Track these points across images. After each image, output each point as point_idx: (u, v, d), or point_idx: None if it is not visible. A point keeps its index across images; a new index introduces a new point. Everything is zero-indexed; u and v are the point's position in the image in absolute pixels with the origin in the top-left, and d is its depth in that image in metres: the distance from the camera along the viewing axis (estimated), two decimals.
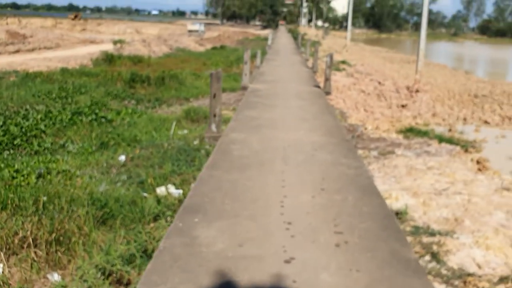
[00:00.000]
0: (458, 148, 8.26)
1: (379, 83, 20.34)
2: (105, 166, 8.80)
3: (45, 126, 11.40)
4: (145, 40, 46.90)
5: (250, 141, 7.90)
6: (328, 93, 13.92)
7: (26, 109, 13.18)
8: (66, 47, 42.22)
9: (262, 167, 6.57)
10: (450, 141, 10.31)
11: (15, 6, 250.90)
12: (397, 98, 16.70)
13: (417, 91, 17.59)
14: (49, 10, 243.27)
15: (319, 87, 15.11)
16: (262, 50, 31.50)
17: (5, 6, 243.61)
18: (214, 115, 8.10)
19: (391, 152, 7.47)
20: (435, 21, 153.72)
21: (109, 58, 26.40)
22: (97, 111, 13.46)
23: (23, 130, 10.86)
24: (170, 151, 9.27)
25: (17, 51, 35.97)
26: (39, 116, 12.03)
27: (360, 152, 7.70)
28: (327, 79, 13.80)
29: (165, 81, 18.77)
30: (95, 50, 33.84)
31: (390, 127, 12.10)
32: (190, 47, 43.87)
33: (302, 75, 18.87)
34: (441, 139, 10.28)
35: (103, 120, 12.54)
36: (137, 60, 27.52)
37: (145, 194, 7.19)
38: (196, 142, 10.05)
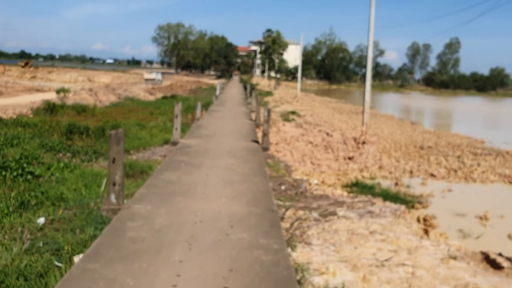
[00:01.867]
0: (402, 207, 7.87)
1: (327, 134, 20.21)
2: (19, 230, 7.83)
3: None
4: (92, 89, 45.83)
5: (155, 215, 6.51)
6: (265, 149, 12.93)
7: None
8: (9, 95, 40.60)
9: (157, 255, 5.19)
10: (395, 198, 9.97)
11: None
12: (344, 150, 16.47)
13: (363, 142, 17.48)
14: None
15: (257, 142, 14.09)
16: (209, 101, 31.20)
17: None
18: (114, 184, 6.64)
19: (333, 214, 6.94)
20: (382, 73, 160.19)
21: (50, 108, 25.23)
22: (25, 165, 12.37)
23: None
24: (95, 212, 8.42)
25: None
26: None
27: (301, 213, 7.13)
28: (264, 134, 12.83)
29: (105, 132, 17.85)
30: (38, 98, 32.54)
31: (336, 181, 11.69)
32: (139, 96, 43.15)
33: (243, 129, 17.61)
34: (386, 197, 9.92)
35: (29, 176, 11.48)
36: (81, 109, 26.47)
37: (59, 264, 6.29)
38: (126, 201, 9.25)
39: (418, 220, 8.69)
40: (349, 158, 15.03)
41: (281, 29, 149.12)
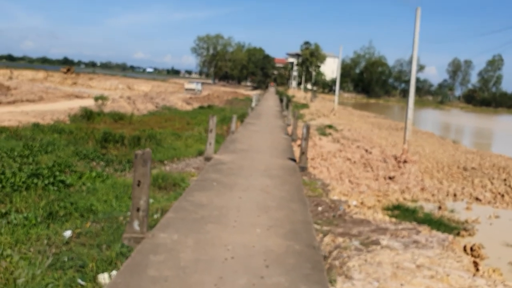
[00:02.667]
0: (450, 237, 7.21)
1: (366, 151, 19.50)
2: (45, 243, 7.58)
3: None
4: (130, 97, 46.36)
5: (182, 247, 5.78)
6: (303, 168, 12.02)
7: None
8: (49, 101, 41.46)
9: None
10: (439, 224, 9.29)
11: (10, 58, 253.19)
12: (384, 169, 15.76)
13: (405, 161, 16.72)
14: (44, 63, 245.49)
15: (294, 160, 13.06)
16: (244, 113, 30.85)
17: (1, 57, 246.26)
18: (138, 209, 5.96)
19: (376, 243, 6.36)
20: (422, 89, 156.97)
21: (87, 115, 25.46)
22: (57, 173, 12.27)
23: None
24: (124, 226, 8.11)
25: None
26: None
27: (340, 240, 6.58)
28: (303, 153, 11.93)
29: (140, 141, 17.72)
30: (77, 105, 33.02)
31: (376, 203, 11.05)
32: (177, 105, 43.35)
33: (279, 144, 16.63)
34: (429, 222, 9.25)
35: (61, 184, 11.33)
36: (118, 117, 26.61)
37: (82, 283, 5.97)
38: (156, 216, 8.92)
39: (465, 249, 7.98)
40: (390, 178, 14.33)
41: (319, 42, 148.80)
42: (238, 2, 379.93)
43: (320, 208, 8.99)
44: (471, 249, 8.05)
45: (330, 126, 28.69)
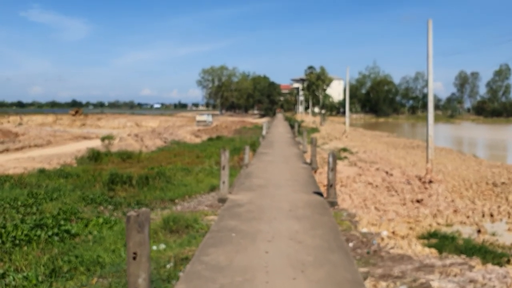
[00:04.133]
0: (511, 272, 6.22)
1: (387, 173, 18.50)
2: None
3: None
4: (138, 134, 45.89)
5: None
6: (333, 203, 10.67)
7: None
8: (57, 144, 41.10)
9: None
10: (484, 252, 8.29)
11: (20, 105, 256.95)
12: (410, 192, 14.75)
13: (430, 181, 15.71)
14: (53, 107, 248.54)
15: (321, 194, 11.75)
16: (255, 141, 30.04)
17: (11, 105, 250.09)
18: None
19: (426, 286, 5.40)
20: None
21: (95, 156, 24.81)
22: (62, 222, 11.47)
23: None
24: None
25: (5, 150, 34.65)
26: None
27: (383, 285, 5.61)
28: (331, 185, 10.60)
29: (149, 180, 16.92)
30: (85, 146, 32.48)
31: (409, 231, 10.05)
32: (185, 139, 42.75)
33: (299, 176, 15.27)
34: (475, 251, 8.24)
35: (65, 234, 10.51)
36: (126, 156, 25.93)
37: None
38: (169, 266, 8.00)
39: None
40: (418, 201, 13.32)
41: (323, 65, 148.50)
42: (239, 33, 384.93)
43: (351, 244, 8.02)
44: None
45: (344, 149, 27.76)
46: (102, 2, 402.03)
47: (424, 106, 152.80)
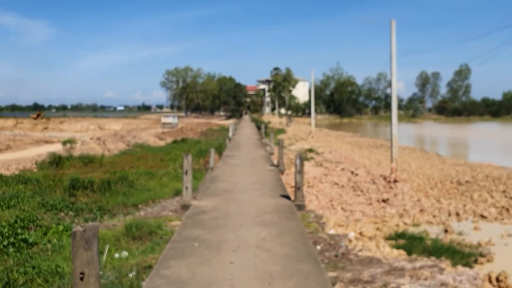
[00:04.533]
0: (482, 273, 6.17)
1: (352, 172, 18.55)
2: None
3: None
4: (100, 137, 44.81)
5: None
6: (301, 207, 10.35)
7: None
8: (17, 148, 39.67)
9: None
10: (452, 252, 8.32)
11: None
12: (375, 191, 14.79)
13: (395, 181, 15.80)
14: (13, 110, 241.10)
15: (288, 197, 11.41)
16: (221, 143, 29.71)
17: None
18: None
19: None
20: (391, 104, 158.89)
21: (56, 160, 23.96)
22: (19, 231, 10.90)
23: None
24: None
25: None
26: None
27: None
28: (298, 188, 10.25)
29: (111, 185, 16.40)
30: (46, 151, 31.42)
31: (376, 232, 9.99)
32: (149, 142, 41.97)
33: (266, 179, 14.88)
34: (443, 251, 8.26)
35: (22, 244, 9.98)
36: (88, 160, 25.17)
37: None
38: (132, 274, 7.66)
39: (490, 280, 6.95)
40: (384, 201, 13.33)
41: (288, 67, 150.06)
42: (203, 36, 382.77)
43: (319, 247, 7.85)
44: (497, 279, 7.02)
45: (310, 150, 27.78)
46: (63, 5, 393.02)
47: (386, 106, 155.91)
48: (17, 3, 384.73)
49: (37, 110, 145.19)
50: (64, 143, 30.83)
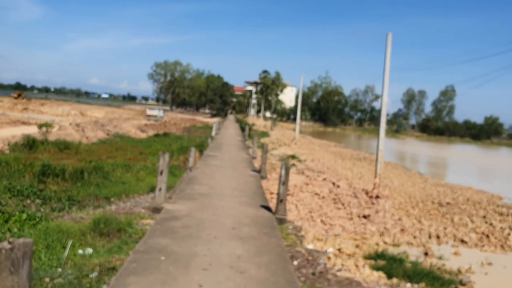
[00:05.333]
0: None
1: (334, 184, 18.17)
2: None
3: None
4: (79, 124, 43.80)
5: None
6: (282, 221, 9.70)
7: None
8: None
9: None
10: (432, 278, 7.97)
11: None
12: (357, 206, 14.41)
13: (377, 196, 15.45)
14: None
15: (268, 208, 10.67)
16: (203, 142, 29.13)
17: None
18: None
19: None
20: (378, 118, 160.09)
21: (29, 143, 23.11)
22: None
23: None
24: None
25: None
26: None
27: None
28: (281, 200, 9.61)
29: (84, 174, 15.73)
30: (21, 132, 30.42)
31: (355, 249, 9.58)
32: (130, 133, 41.14)
33: (246, 185, 14.18)
34: (423, 276, 7.91)
35: None
36: (63, 146, 24.35)
37: None
38: (93, 275, 7.10)
39: None
40: (364, 217, 12.95)
41: (278, 70, 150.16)
42: (195, 30, 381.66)
43: (296, 263, 7.40)
44: None
45: (293, 156, 27.36)
46: None
47: (371, 119, 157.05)
48: None
49: (19, 90, 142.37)
50: (40, 126, 29.90)
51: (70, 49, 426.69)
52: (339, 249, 9.36)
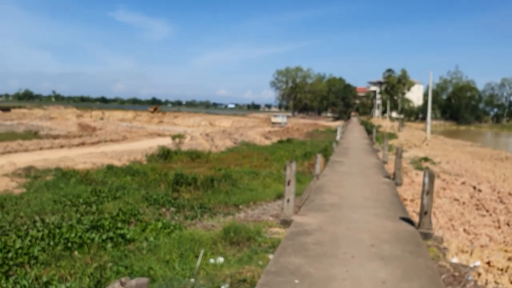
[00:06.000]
0: None
1: (474, 188, 16.52)
2: None
3: (42, 249, 8.83)
4: (208, 134, 45.79)
5: None
6: (428, 236, 8.56)
7: (34, 221, 10.87)
8: (132, 140, 41.85)
9: None
10: None
11: (103, 100, 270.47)
12: (504, 213, 12.86)
13: None
14: (134, 103, 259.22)
15: (409, 221, 9.63)
16: (327, 146, 28.53)
17: (95, 100, 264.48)
18: None
19: None
20: None
21: (164, 154, 24.59)
22: (119, 224, 10.90)
23: (9, 256, 8.32)
24: None
25: (81, 144, 35.64)
26: (40, 234, 9.54)
27: None
28: (425, 212, 8.62)
29: (214, 182, 16.16)
30: (157, 144, 32.58)
31: (509, 263, 8.38)
32: (255, 140, 42.04)
33: (380, 194, 12.99)
34: None
35: (120, 239, 9.86)
36: (195, 155, 25.54)
37: None
38: (225, 287, 7.02)
39: None
40: None
41: (404, 68, 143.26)
42: (315, 35, 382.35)
43: (442, 277, 6.61)
44: None
45: (426, 159, 25.61)
46: (184, 4, 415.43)
47: (510, 115, 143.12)
48: (141, 3, 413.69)
49: (155, 104, 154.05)
50: (173, 137, 31.74)
51: (199, 63, 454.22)
52: (488, 263, 8.28)
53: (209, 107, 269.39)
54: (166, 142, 33.42)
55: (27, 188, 15.78)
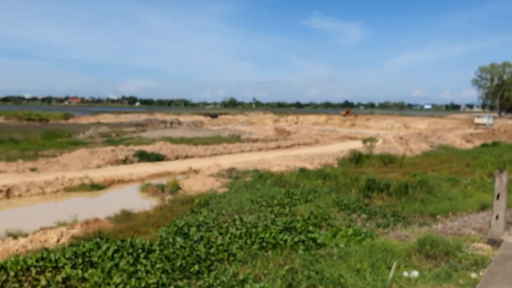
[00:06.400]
0: None
1: None
2: None
3: (239, 247, 9.40)
4: (402, 137, 43.82)
5: None
6: None
7: (234, 219, 11.65)
8: (324, 143, 42.48)
9: None
10: None
11: (298, 105, 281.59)
12: None
13: None
14: (326, 107, 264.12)
15: None
16: None
17: (291, 105, 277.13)
18: None
19: None
20: None
21: (356, 158, 24.31)
22: (310, 228, 11.05)
23: (211, 251, 9.04)
24: None
25: (277, 147, 37.49)
26: (238, 232, 10.18)
27: None
28: None
29: (408, 189, 15.32)
30: (348, 147, 32.50)
31: None
32: (455, 143, 38.86)
33: None
34: None
35: (311, 243, 9.95)
36: (388, 160, 24.69)
37: None
38: None
39: None
40: None
41: None
42: None
43: None
44: None
45: None
46: (378, 6, 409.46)
47: None
48: (335, 8, 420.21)
49: (347, 107, 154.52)
50: (364, 140, 31.24)
51: (392, 65, 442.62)
52: None
53: (403, 108, 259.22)
54: (358, 145, 33.09)
55: (229, 188, 17.13)
